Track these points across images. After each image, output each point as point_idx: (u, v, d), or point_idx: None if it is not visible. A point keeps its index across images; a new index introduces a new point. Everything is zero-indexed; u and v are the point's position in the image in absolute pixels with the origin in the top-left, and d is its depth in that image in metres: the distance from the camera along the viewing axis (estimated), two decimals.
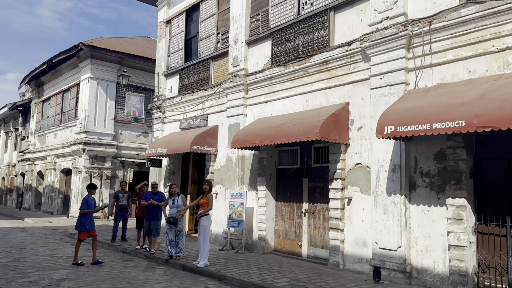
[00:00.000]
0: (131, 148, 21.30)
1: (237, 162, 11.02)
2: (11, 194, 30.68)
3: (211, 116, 12.47)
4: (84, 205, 8.79)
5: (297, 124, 8.55)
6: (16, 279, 7.07)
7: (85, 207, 8.74)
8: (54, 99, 24.39)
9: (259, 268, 8.15)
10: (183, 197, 9.38)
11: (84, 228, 8.69)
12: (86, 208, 8.73)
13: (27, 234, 13.80)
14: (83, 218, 8.72)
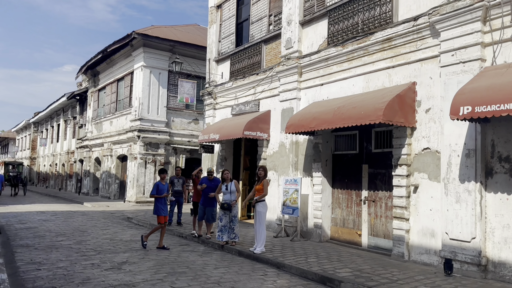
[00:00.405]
0: (183, 135, 21.63)
1: (291, 147, 10.71)
2: (71, 179, 32.39)
3: (263, 101, 12.22)
4: (154, 190, 8.88)
5: (358, 107, 8.08)
6: (79, 261, 7.27)
7: (154, 192, 8.84)
8: (109, 88, 25.22)
9: (318, 256, 7.86)
10: (236, 183, 9.20)
11: (163, 211, 8.82)
12: (156, 193, 8.83)
13: (87, 217, 14.38)
14: (159, 202, 8.83)
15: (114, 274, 6.39)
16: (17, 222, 12.39)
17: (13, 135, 58.73)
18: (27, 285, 5.67)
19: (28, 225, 11.79)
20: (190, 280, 6.15)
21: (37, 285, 5.64)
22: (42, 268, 6.63)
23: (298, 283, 6.30)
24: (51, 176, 38.79)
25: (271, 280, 6.39)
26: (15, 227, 11.41)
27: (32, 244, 8.84)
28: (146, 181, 20.53)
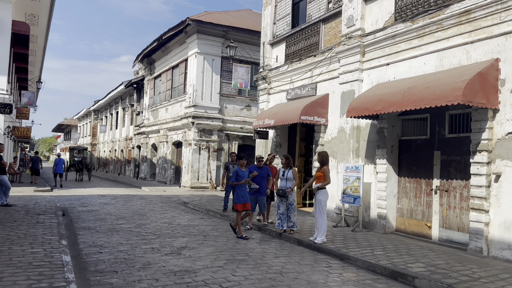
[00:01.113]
0: (235, 122, 21.53)
1: (351, 133, 10.11)
2: (129, 164, 33.64)
3: (320, 84, 11.66)
4: (234, 177, 8.58)
5: (431, 87, 7.35)
6: (139, 245, 7.27)
7: (233, 180, 8.55)
8: (165, 76, 25.64)
9: (384, 249, 7.31)
10: (294, 170, 8.76)
11: (242, 199, 8.44)
12: (235, 180, 8.53)
13: (145, 201, 14.69)
14: (238, 189, 8.47)
15: (174, 259, 6.28)
16: (79, 205, 12.87)
17: (75, 123, 62.14)
18: (89, 268, 5.68)
19: (89, 208, 12.19)
20: (251, 269, 5.88)
21: (99, 269, 5.64)
22: (103, 251, 6.67)
23: (366, 277, 5.84)
24: (111, 161, 40.61)
25: (336, 272, 5.98)
26: (78, 210, 11.83)
27: (93, 226, 9.04)
28: (200, 167, 20.72)
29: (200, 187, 20.48)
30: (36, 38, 22.76)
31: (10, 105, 11.81)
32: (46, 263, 5.47)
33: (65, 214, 10.74)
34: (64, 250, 6.29)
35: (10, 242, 6.64)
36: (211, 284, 5.12)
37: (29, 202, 12.50)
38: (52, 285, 4.55)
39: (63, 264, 5.43)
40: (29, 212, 10.12)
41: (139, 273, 5.49)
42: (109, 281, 5.08)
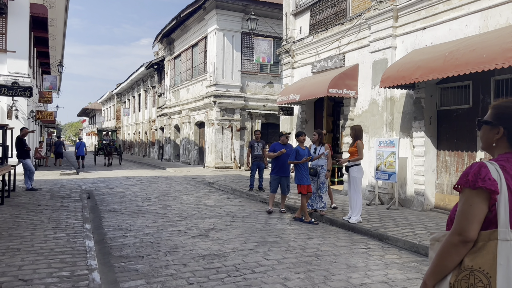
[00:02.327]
0: (258, 100, 20.99)
1: (385, 105, 9.46)
2: (153, 146, 33.75)
3: (349, 55, 10.95)
4: (293, 156, 7.83)
5: (477, 50, 6.62)
6: (166, 227, 6.97)
7: (293, 158, 7.83)
8: (185, 55, 25.19)
9: (426, 228, 6.78)
10: (328, 147, 8.18)
11: (306, 180, 7.69)
12: (295, 158, 7.84)
13: (170, 182, 14.50)
14: (301, 170, 7.71)
15: (202, 242, 5.94)
16: (104, 187, 12.76)
17: (99, 106, 62.88)
18: (114, 253, 5.40)
19: (115, 190, 12.05)
20: (284, 252, 5.48)
21: (124, 254, 5.35)
22: (128, 235, 6.40)
23: (410, 259, 5.35)
24: (135, 144, 40.92)
25: (376, 255, 5.51)
26: (103, 192, 11.70)
27: (118, 209, 8.82)
28: (224, 146, 20.40)
29: (224, 167, 20.20)
30: (55, 22, 22.64)
31: (30, 88, 11.64)
32: (68, 249, 5.21)
33: (90, 196, 10.60)
34: (88, 234, 6.04)
35: (33, 227, 6.44)
36: (242, 269, 4.75)
37: (54, 185, 12.46)
38: (73, 274, 4.27)
39: (86, 250, 5.16)
40: (53, 196, 10.01)
41: (166, 258, 5.17)
42: (135, 267, 4.77)
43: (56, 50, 27.78)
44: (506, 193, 1.53)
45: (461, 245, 1.54)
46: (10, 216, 7.30)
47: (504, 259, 1.49)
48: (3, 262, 4.58)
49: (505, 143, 1.66)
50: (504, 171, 1.56)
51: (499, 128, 1.67)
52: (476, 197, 1.54)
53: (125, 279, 4.40)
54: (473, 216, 1.53)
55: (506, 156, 1.63)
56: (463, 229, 1.54)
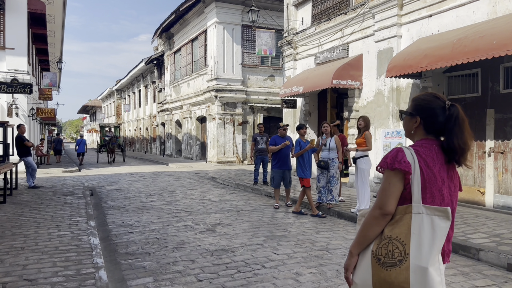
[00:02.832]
0: (259, 93, 20.83)
1: (390, 95, 9.30)
2: (155, 142, 33.63)
3: (353, 45, 10.78)
4: (298, 148, 7.71)
5: (486, 36, 6.46)
6: (171, 223, 6.86)
7: (298, 150, 7.73)
8: (184, 49, 24.98)
9: None
10: (337, 139, 7.93)
11: (308, 173, 7.66)
12: (299, 151, 7.73)
13: (173, 178, 14.38)
14: (303, 162, 7.66)
15: (209, 238, 5.82)
16: (107, 184, 12.65)
17: (99, 103, 62.69)
18: (120, 250, 5.28)
19: (118, 187, 11.94)
20: (294, 246, 5.37)
21: (130, 251, 5.23)
22: (134, 231, 6.29)
23: None
24: (136, 140, 40.81)
25: None
26: (106, 188, 11.59)
27: (122, 205, 8.71)
28: (226, 141, 20.27)
29: (226, 161, 20.09)
30: (54, 18, 22.40)
31: (30, 85, 11.49)
32: (73, 247, 5.10)
33: (93, 193, 10.49)
34: (93, 232, 5.93)
35: (36, 225, 6.33)
36: (252, 264, 4.63)
37: (56, 183, 12.36)
38: (79, 272, 4.15)
39: (91, 248, 5.04)
40: (56, 193, 9.90)
41: (173, 254, 5.06)
42: (142, 265, 4.66)
43: (55, 47, 27.55)
44: (418, 174, 1.75)
45: (381, 218, 1.76)
46: (13, 214, 7.19)
47: (416, 229, 1.71)
48: (7, 262, 4.47)
49: (422, 131, 1.89)
50: (418, 155, 1.78)
51: (416, 118, 1.88)
52: (393, 177, 1.77)
53: (133, 276, 4.29)
54: (391, 193, 1.76)
55: (421, 142, 1.85)
56: (383, 204, 1.76)
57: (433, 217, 1.72)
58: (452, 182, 1.84)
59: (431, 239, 1.70)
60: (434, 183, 1.77)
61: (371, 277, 1.75)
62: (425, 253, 1.69)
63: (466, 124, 1.83)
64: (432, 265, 1.68)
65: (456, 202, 1.87)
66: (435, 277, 1.68)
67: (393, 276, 1.70)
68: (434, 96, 1.90)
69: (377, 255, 1.75)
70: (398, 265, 1.70)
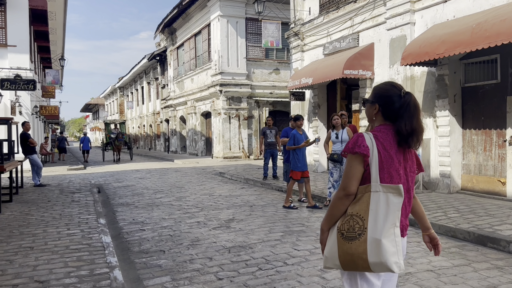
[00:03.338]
0: (264, 87, 20.54)
1: (404, 84, 9.01)
2: (159, 139, 33.44)
3: (363, 34, 10.49)
4: (291, 140, 7.55)
5: (508, 19, 6.19)
6: (183, 219, 6.64)
7: (291, 143, 7.55)
8: (187, 44, 24.70)
9: (458, 211, 6.41)
10: (349, 131, 7.63)
11: (298, 166, 7.49)
12: (293, 143, 7.52)
13: (180, 174, 14.17)
14: (295, 155, 7.48)
15: (225, 234, 5.60)
16: (114, 181, 12.45)
17: (102, 101, 62.51)
18: (133, 248, 5.07)
19: (125, 183, 11.73)
20: (314, 241, 5.13)
21: (143, 249, 5.02)
22: (146, 229, 6.07)
23: (450, 244, 4.99)
24: (140, 137, 40.63)
25: (413, 241, 5.15)
26: (113, 185, 11.39)
27: (131, 202, 8.51)
28: (232, 136, 20.03)
29: (232, 157, 19.86)
30: (55, 15, 22.16)
31: (33, 81, 11.27)
32: (84, 245, 4.88)
33: (100, 191, 10.29)
34: (103, 229, 5.72)
35: (45, 224, 6.12)
36: (273, 261, 4.41)
37: (62, 181, 12.17)
38: (93, 273, 3.94)
39: (104, 246, 4.83)
40: (63, 191, 9.71)
41: (188, 251, 4.84)
42: (157, 263, 4.44)
43: (57, 45, 27.32)
44: (376, 156, 1.90)
45: (344, 198, 1.92)
46: (20, 213, 6.99)
47: (374, 205, 1.86)
48: (17, 262, 4.26)
49: (380, 117, 2.03)
50: (376, 139, 1.92)
51: (376, 105, 2.03)
52: (354, 160, 1.92)
53: (149, 276, 4.07)
54: (352, 175, 1.92)
55: (379, 128, 1.99)
56: (346, 185, 1.92)
57: (388, 194, 1.87)
58: (408, 163, 1.99)
59: (385, 214, 1.85)
60: (391, 164, 1.92)
61: (337, 250, 1.91)
62: (379, 227, 1.83)
63: (417, 111, 1.97)
64: (386, 237, 1.83)
65: (413, 182, 2.04)
66: (388, 248, 1.83)
67: (353, 248, 1.86)
68: (391, 85, 2.05)
69: (341, 230, 1.90)
70: (358, 238, 1.86)
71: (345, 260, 1.88)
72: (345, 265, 1.90)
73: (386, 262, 1.82)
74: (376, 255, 1.82)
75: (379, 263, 1.83)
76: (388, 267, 1.83)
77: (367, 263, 1.84)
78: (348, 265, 1.89)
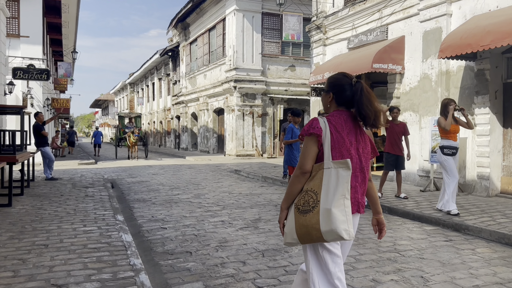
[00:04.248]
0: (279, 84, 20.04)
1: (439, 79, 8.48)
2: (169, 136, 33.07)
3: (392, 26, 9.96)
4: (289, 135, 7.24)
5: None
6: (206, 218, 6.18)
7: (289, 137, 7.18)
8: (201, 40, 24.27)
9: (505, 215, 5.89)
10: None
11: (296, 162, 7.14)
12: (290, 138, 7.17)
13: (194, 170, 13.73)
14: (294, 151, 7.17)
15: (254, 235, 5.12)
16: (127, 176, 12.05)
17: (112, 97, 62.40)
18: (156, 248, 4.61)
19: (138, 179, 11.32)
20: (357, 247, 4.62)
21: (168, 249, 4.56)
22: (167, 227, 5.62)
23: (509, 253, 4.46)
24: (150, 133, 40.31)
25: (466, 248, 4.63)
26: (127, 181, 10.98)
27: (148, 198, 8.07)
28: (245, 133, 19.56)
29: (246, 154, 19.39)
30: (68, 8, 21.82)
31: (47, 71, 10.90)
32: (103, 244, 4.43)
33: (114, 186, 9.87)
34: (122, 227, 5.27)
35: (58, 219, 5.69)
36: None
37: (74, 175, 11.78)
38: (116, 276, 3.48)
39: (125, 246, 4.37)
40: (76, 185, 9.30)
41: (218, 254, 4.37)
42: (185, 266, 3.98)
43: (69, 39, 27.02)
44: (329, 137, 2.09)
45: (301, 176, 2.11)
46: (32, 207, 6.58)
47: (326, 180, 2.04)
48: (30, 262, 3.82)
49: (334, 104, 2.23)
50: (329, 122, 2.13)
51: (330, 94, 2.23)
52: (309, 141, 2.12)
53: (178, 281, 3.61)
54: (307, 154, 2.11)
55: (333, 113, 2.20)
56: (302, 164, 2.11)
57: (338, 169, 2.03)
58: (361, 145, 2.16)
59: (335, 186, 2.00)
60: (343, 144, 2.09)
61: (294, 224, 2.05)
62: (330, 198, 1.99)
63: (371, 96, 2.14)
64: (336, 207, 1.97)
65: (367, 161, 2.18)
66: (338, 216, 1.96)
67: (307, 220, 2.00)
68: (343, 75, 2.24)
69: (297, 205, 2.07)
70: (311, 210, 2.00)
71: (301, 233, 2.02)
72: (301, 238, 2.03)
73: (336, 229, 1.94)
74: (327, 224, 1.95)
75: (330, 231, 1.95)
76: (338, 234, 1.95)
77: (320, 232, 1.97)
78: (304, 237, 2.02)
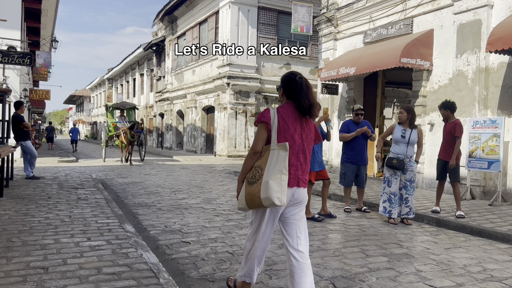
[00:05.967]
0: (274, 82, 19.08)
1: (476, 77, 7.72)
2: (151, 134, 31.60)
3: (419, 19, 9.19)
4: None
5: None
6: (231, 229, 5.13)
7: None
8: (190, 34, 23.08)
9: None
10: (421, 131, 6.03)
11: (313, 166, 5.85)
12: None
13: (189, 171, 12.60)
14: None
15: None
16: (117, 176, 10.83)
17: (88, 93, 59.98)
18: (189, 272, 3.57)
19: (131, 180, 10.13)
20: (440, 272, 3.69)
21: (205, 274, 3.52)
22: (190, 241, 4.56)
23: None
24: None
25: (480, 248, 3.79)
26: (118, 181, 9.78)
27: (151, 203, 6.95)
28: (237, 133, 18.54)
29: (237, 155, 18.34)
30: None
31: (30, 54, 9.55)
32: (123, 268, 3.34)
33: (105, 187, 8.67)
34: (138, 241, 4.16)
35: (53, 229, 4.54)
36: None
37: (57, 173, 10.46)
38: None
39: (153, 271, 3.29)
40: (63, 186, 8.06)
41: (272, 281, 3.36)
42: None
43: (46, 29, 25.27)
44: (276, 124, 2.66)
45: (253, 155, 2.71)
46: (16, 212, 5.37)
47: (270, 159, 2.62)
48: None
49: (284, 98, 2.81)
50: (278, 113, 2.70)
51: (281, 89, 2.82)
52: (260, 127, 2.71)
53: None
54: (258, 138, 2.70)
55: (283, 105, 2.77)
56: (254, 146, 2.70)
57: (279, 150, 2.61)
58: (305, 132, 2.75)
59: (275, 163, 2.59)
60: (287, 131, 2.67)
61: (244, 193, 2.68)
62: (270, 172, 2.57)
63: (309, 90, 2.73)
64: (273, 180, 2.55)
65: (309, 146, 2.78)
66: (273, 187, 2.54)
67: (253, 190, 2.61)
68: (291, 73, 2.82)
69: (248, 178, 2.69)
70: (256, 182, 2.61)
71: (248, 199, 2.63)
72: (248, 203, 2.65)
73: (270, 196, 2.51)
74: (264, 192, 2.54)
75: (266, 198, 2.53)
76: (272, 200, 2.52)
77: (259, 199, 2.56)
78: (250, 203, 2.64)
